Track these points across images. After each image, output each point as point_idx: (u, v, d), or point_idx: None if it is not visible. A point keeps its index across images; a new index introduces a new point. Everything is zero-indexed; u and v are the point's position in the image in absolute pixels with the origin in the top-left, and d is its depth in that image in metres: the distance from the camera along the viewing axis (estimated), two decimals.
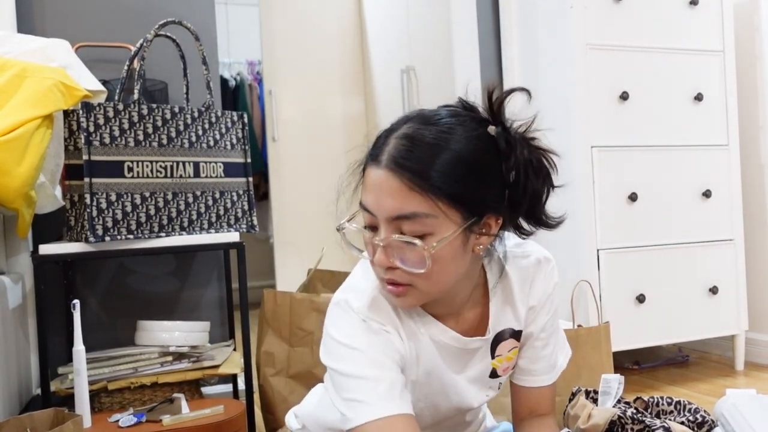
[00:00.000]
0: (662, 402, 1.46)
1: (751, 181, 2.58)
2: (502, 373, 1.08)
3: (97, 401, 1.67)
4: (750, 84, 2.59)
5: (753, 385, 2.26)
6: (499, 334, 1.04)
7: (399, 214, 0.85)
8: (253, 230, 1.88)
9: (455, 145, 0.86)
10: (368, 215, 0.89)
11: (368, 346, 0.91)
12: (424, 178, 0.84)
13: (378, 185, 0.86)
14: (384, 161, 0.86)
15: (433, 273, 0.87)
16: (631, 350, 2.38)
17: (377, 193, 0.87)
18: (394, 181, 0.85)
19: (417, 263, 0.86)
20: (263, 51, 3.72)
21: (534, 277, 1.05)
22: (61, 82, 1.53)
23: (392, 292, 0.90)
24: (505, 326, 1.05)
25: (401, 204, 0.85)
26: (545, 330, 1.08)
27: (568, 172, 2.30)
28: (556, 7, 2.34)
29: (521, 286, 1.04)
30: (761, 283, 2.57)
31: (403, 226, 0.86)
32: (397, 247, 0.87)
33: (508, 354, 1.07)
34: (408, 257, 0.87)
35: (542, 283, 1.05)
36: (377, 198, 0.87)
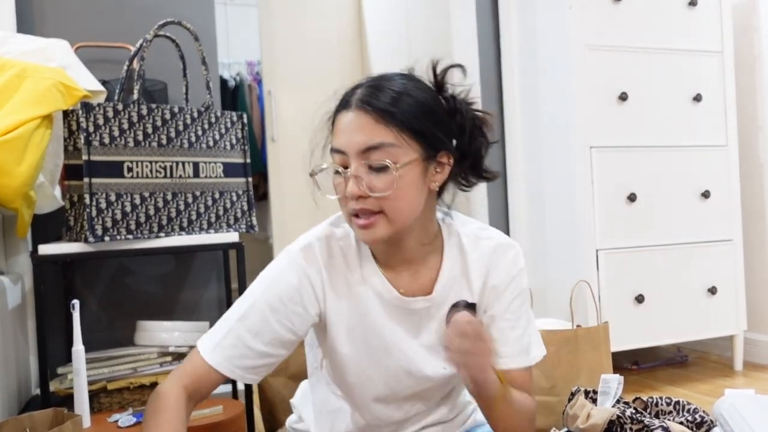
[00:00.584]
0: (661, 402, 1.46)
1: (750, 182, 2.58)
2: None
3: (97, 401, 1.67)
4: (749, 84, 2.60)
5: (751, 385, 2.26)
6: (455, 305, 1.09)
7: (368, 146, 0.97)
8: (253, 230, 1.88)
9: (414, 92, 1.01)
10: (339, 156, 1.00)
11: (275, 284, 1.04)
12: (389, 114, 0.97)
13: (348, 125, 0.99)
14: (353, 104, 0.99)
15: (398, 197, 0.97)
16: (630, 350, 2.38)
17: (348, 132, 0.98)
18: (363, 117, 0.98)
19: (386, 187, 0.97)
20: (263, 51, 3.72)
21: (495, 257, 1.11)
22: (61, 83, 1.53)
23: (362, 225, 0.99)
24: (458, 295, 1.10)
25: (370, 136, 0.97)
26: (510, 311, 1.11)
27: (567, 173, 2.31)
28: (554, 7, 2.34)
29: (479, 262, 1.10)
30: (760, 284, 2.58)
31: (371, 156, 0.97)
32: (366, 176, 0.97)
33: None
34: (377, 184, 0.97)
35: (505, 265, 1.11)
36: (348, 136, 0.98)
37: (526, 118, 2.52)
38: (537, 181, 2.48)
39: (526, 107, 2.52)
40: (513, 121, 2.56)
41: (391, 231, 1.00)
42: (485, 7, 2.64)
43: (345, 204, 1.01)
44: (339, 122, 1.01)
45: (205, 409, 1.56)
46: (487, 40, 2.63)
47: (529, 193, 2.53)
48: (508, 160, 2.59)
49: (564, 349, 1.77)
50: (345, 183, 0.98)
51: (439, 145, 1.02)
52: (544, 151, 2.42)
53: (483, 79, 2.61)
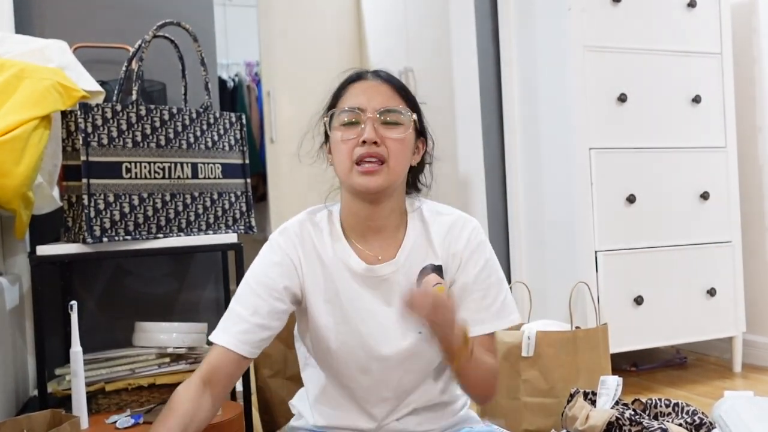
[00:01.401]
0: (660, 404, 1.46)
1: (749, 183, 2.58)
2: None
3: (95, 402, 1.67)
4: (748, 86, 2.60)
5: (751, 387, 2.26)
6: (423, 269, 1.19)
7: (387, 107, 1.13)
8: (251, 231, 1.88)
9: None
10: (351, 113, 1.13)
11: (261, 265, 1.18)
12: (403, 90, 1.17)
13: (368, 88, 1.15)
14: (370, 76, 1.17)
15: (401, 152, 1.13)
16: (629, 352, 2.38)
17: (368, 93, 1.14)
18: (383, 86, 1.16)
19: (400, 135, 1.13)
20: (261, 52, 3.71)
21: (455, 229, 1.22)
22: (59, 83, 1.53)
23: (366, 170, 1.11)
24: (423, 261, 1.19)
25: (389, 101, 1.14)
26: (479, 282, 1.20)
27: (567, 174, 2.31)
28: (554, 8, 2.34)
29: (439, 233, 1.21)
30: (759, 285, 2.58)
31: (388, 116, 1.13)
32: (382, 128, 1.12)
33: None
34: (390, 133, 1.12)
35: (465, 233, 1.21)
36: (368, 96, 1.14)
37: (525, 119, 2.52)
38: (536, 182, 2.48)
39: (525, 108, 2.52)
40: (512, 121, 2.56)
41: (387, 182, 1.13)
42: (484, 9, 2.64)
43: (350, 150, 1.12)
44: (354, 88, 1.16)
45: None
46: (487, 41, 2.63)
47: (528, 194, 2.53)
48: (507, 160, 2.59)
49: (563, 350, 1.76)
50: (359, 132, 1.11)
51: (422, 130, 1.21)
52: (543, 153, 2.42)
53: (482, 80, 2.60)
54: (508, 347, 1.79)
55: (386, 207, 1.18)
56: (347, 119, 1.13)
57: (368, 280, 1.18)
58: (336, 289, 1.18)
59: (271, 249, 1.20)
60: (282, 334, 1.79)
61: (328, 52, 3.86)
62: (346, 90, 1.17)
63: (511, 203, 2.59)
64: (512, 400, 1.78)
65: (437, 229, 1.22)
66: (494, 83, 2.64)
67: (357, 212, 1.19)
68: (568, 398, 1.51)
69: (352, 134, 1.12)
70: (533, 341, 1.77)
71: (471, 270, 1.20)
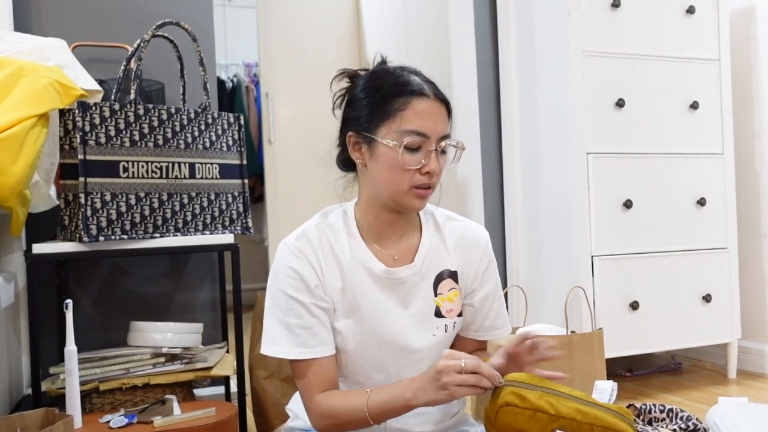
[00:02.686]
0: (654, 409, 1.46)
1: (746, 190, 2.59)
2: (446, 314, 1.22)
3: (89, 402, 1.66)
4: (745, 93, 2.61)
5: (745, 393, 2.26)
6: (439, 274, 1.22)
7: (446, 134, 1.15)
8: (248, 232, 1.88)
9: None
10: (419, 138, 1.11)
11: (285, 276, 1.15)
12: (450, 111, 1.17)
13: (432, 112, 1.13)
14: (431, 94, 1.13)
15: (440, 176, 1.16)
16: (624, 357, 2.38)
17: (433, 118, 1.12)
18: (443, 110, 1.15)
19: (446, 165, 1.16)
20: (260, 53, 3.72)
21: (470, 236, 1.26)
22: (58, 81, 1.53)
23: (423, 194, 1.14)
24: (439, 264, 1.22)
25: (446, 127, 1.15)
26: (496, 289, 1.28)
27: (564, 178, 2.31)
28: (553, 13, 2.34)
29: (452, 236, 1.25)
30: (754, 292, 2.58)
31: (443, 142, 1.14)
32: (444, 156, 1.15)
33: (448, 294, 1.22)
34: (443, 162, 1.15)
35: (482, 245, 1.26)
36: (434, 122, 1.12)
37: (523, 123, 2.52)
38: (533, 187, 2.48)
39: (524, 112, 2.52)
40: (510, 125, 2.56)
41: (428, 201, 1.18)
42: (483, 12, 2.64)
43: (409, 176, 1.12)
44: (418, 107, 1.12)
45: (197, 411, 1.55)
46: (486, 44, 2.64)
47: (526, 198, 2.53)
48: (505, 164, 2.59)
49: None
50: (422, 158, 1.11)
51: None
52: (541, 157, 2.42)
53: (480, 84, 2.61)
54: None
55: (406, 216, 1.22)
56: (411, 144, 1.11)
57: (386, 282, 1.18)
58: (354, 291, 1.17)
59: (292, 254, 1.16)
60: None
61: (327, 54, 3.87)
62: (409, 105, 1.12)
63: (508, 207, 2.59)
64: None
65: (451, 234, 1.25)
66: (493, 87, 2.64)
67: (381, 217, 1.20)
68: None
69: (414, 161, 1.11)
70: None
71: (490, 281, 1.27)
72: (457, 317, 1.23)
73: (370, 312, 1.17)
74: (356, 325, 1.17)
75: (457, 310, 1.23)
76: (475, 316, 1.26)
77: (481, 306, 1.26)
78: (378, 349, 1.18)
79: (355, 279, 1.17)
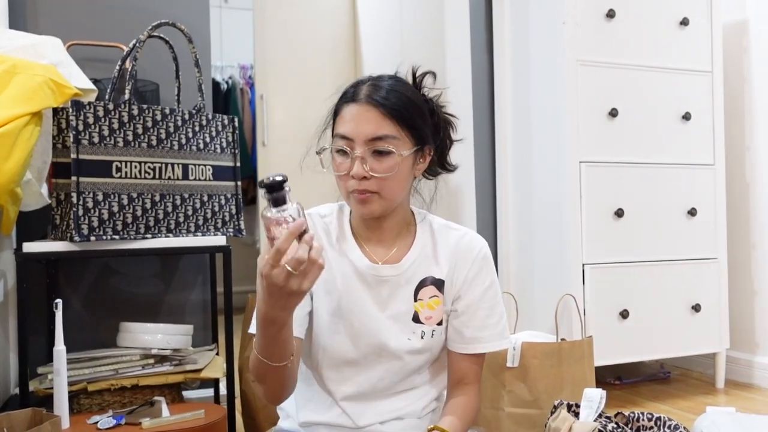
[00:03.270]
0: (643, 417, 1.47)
1: (736, 201, 2.61)
2: (425, 320, 1.21)
3: (77, 402, 1.65)
4: (737, 105, 2.63)
5: (733, 403, 2.28)
6: (422, 280, 1.22)
7: (375, 136, 1.11)
8: (240, 234, 1.87)
9: (407, 93, 1.16)
10: (344, 141, 1.13)
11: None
12: (394, 110, 1.13)
13: (357, 116, 1.12)
14: (361, 98, 1.13)
15: (394, 180, 1.13)
16: (614, 365, 2.39)
17: (357, 121, 1.12)
18: (372, 112, 1.12)
19: (386, 170, 1.12)
20: (256, 55, 3.72)
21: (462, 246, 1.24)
22: (52, 80, 1.53)
23: (362, 200, 1.13)
24: (426, 271, 1.22)
25: (377, 128, 1.12)
26: (486, 300, 1.24)
27: (556, 186, 2.32)
28: (548, 22, 2.36)
29: (447, 248, 1.24)
30: (743, 302, 2.60)
31: (377, 144, 1.12)
32: (369, 160, 1.12)
33: (429, 301, 1.22)
34: (378, 167, 1.12)
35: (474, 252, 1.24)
36: (356, 125, 1.12)
37: (516, 131, 2.53)
38: (526, 194, 2.49)
39: (518, 120, 2.53)
40: (504, 133, 2.57)
41: (382, 209, 1.15)
42: (479, 20, 2.65)
43: (345, 182, 1.14)
44: (346, 112, 1.14)
45: (186, 413, 1.55)
46: (481, 52, 2.65)
47: (518, 206, 2.54)
48: (498, 172, 2.60)
49: (548, 362, 1.77)
50: (350, 164, 1.12)
51: (426, 139, 1.18)
52: (534, 165, 2.43)
53: (475, 91, 2.62)
54: (492, 357, 1.79)
55: (389, 223, 1.22)
56: (338, 147, 1.14)
57: (369, 278, 1.20)
58: (337, 284, 1.19)
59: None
60: None
61: (323, 58, 3.87)
62: (342, 110, 1.16)
63: (501, 214, 2.60)
64: (495, 410, 1.78)
65: (445, 242, 1.24)
66: (487, 95, 2.65)
67: (363, 222, 1.22)
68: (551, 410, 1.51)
69: (343, 166, 1.13)
70: (518, 352, 1.77)
71: (478, 287, 1.23)
72: (437, 326, 1.22)
73: (347, 305, 1.19)
74: (332, 316, 1.19)
75: (437, 319, 1.22)
76: (459, 324, 1.24)
77: (464, 312, 1.23)
78: (350, 341, 1.19)
79: (338, 272, 1.19)
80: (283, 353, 1.03)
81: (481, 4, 2.66)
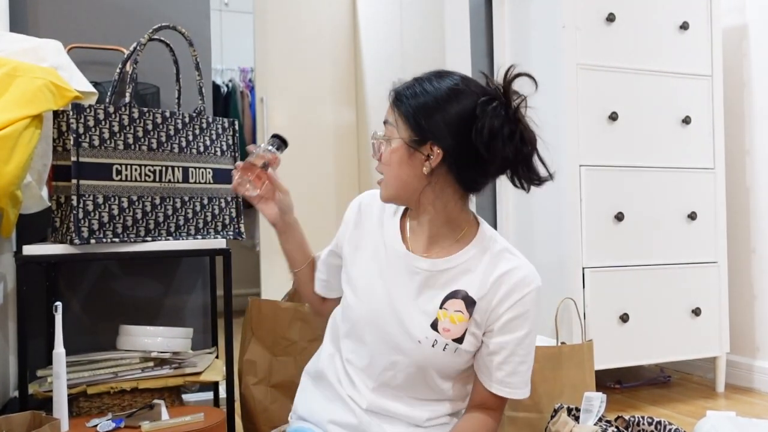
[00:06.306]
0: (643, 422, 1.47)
1: (736, 205, 2.61)
2: (442, 331, 1.18)
3: (76, 405, 1.65)
4: (737, 109, 2.63)
5: (733, 407, 2.27)
6: (455, 291, 1.19)
7: (384, 120, 1.22)
8: (240, 237, 1.87)
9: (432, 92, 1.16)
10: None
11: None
12: (399, 102, 1.19)
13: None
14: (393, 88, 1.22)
15: (389, 167, 1.19)
16: (614, 369, 2.38)
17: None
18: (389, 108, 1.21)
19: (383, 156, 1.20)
20: (256, 58, 3.72)
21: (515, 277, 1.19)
22: (52, 83, 1.53)
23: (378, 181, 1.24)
24: (462, 284, 1.19)
25: (386, 114, 1.21)
26: (523, 347, 1.19)
27: (556, 190, 2.32)
28: (548, 26, 2.36)
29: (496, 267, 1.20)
30: (744, 307, 2.60)
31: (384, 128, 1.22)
32: (374, 146, 1.23)
33: (452, 313, 1.18)
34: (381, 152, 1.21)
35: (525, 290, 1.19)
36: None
37: None
38: (526, 198, 2.49)
39: None
40: None
41: (387, 194, 1.22)
42: (479, 24, 2.66)
43: None
44: None
45: (186, 416, 1.54)
46: (481, 56, 2.65)
47: (518, 210, 2.54)
48: None
49: (548, 365, 1.77)
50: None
51: (428, 137, 1.15)
52: None
53: None
54: None
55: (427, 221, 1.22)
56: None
57: (399, 262, 1.22)
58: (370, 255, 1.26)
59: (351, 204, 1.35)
60: (267, 341, 1.80)
61: (323, 61, 3.88)
62: None
63: (501, 217, 2.60)
64: None
65: (496, 265, 1.20)
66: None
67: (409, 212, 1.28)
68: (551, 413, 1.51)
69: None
70: None
71: (518, 335, 1.19)
72: (453, 341, 1.18)
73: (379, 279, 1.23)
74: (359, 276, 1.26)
75: (455, 334, 1.18)
76: (490, 363, 1.20)
77: (496, 352, 1.19)
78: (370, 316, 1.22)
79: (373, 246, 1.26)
80: (292, 262, 1.40)
81: (481, 8, 2.67)
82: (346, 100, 3.89)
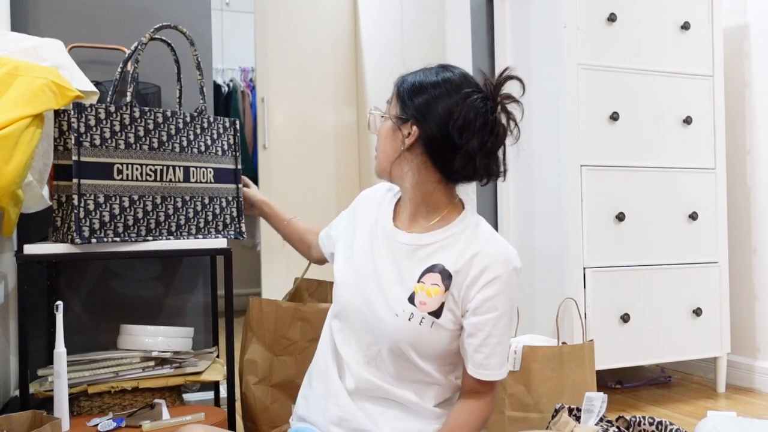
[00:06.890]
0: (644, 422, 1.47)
1: (737, 205, 2.61)
2: (419, 304, 1.21)
3: (77, 405, 1.65)
4: (738, 109, 2.63)
5: (734, 407, 2.27)
6: (433, 265, 1.23)
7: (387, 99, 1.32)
8: (241, 237, 1.87)
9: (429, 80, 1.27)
10: None
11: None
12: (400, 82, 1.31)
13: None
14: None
15: (378, 143, 1.30)
16: (615, 369, 2.38)
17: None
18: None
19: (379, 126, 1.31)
20: (257, 58, 3.72)
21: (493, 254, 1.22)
22: (53, 82, 1.53)
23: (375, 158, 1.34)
24: (442, 258, 1.23)
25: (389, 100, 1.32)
26: (500, 327, 1.22)
27: (557, 190, 2.32)
28: (549, 26, 2.36)
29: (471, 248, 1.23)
30: (744, 307, 2.60)
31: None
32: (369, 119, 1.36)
33: (429, 286, 1.21)
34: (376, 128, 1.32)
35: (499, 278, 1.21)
36: None
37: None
38: (526, 197, 2.49)
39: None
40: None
41: (377, 168, 1.32)
42: (480, 25, 2.66)
43: None
44: None
45: (186, 416, 1.54)
46: (482, 56, 2.65)
47: (519, 210, 2.54)
48: None
49: (548, 365, 1.77)
50: None
51: (409, 115, 1.24)
52: (535, 168, 2.43)
53: None
54: None
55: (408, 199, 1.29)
56: None
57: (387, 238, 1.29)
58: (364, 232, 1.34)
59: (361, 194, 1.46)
60: (268, 341, 1.80)
61: (324, 61, 3.88)
62: None
63: (502, 217, 2.60)
64: (496, 413, 1.78)
65: (474, 242, 1.23)
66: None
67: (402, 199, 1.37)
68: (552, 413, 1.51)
69: None
70: (519, 355, 1.77)
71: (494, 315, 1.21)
72: (429, 314, 1.20)
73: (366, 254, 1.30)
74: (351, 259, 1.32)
75: (431, 307, 1.20)
76: (468, 344, 1.22)
77: (473, 334, 1.21)
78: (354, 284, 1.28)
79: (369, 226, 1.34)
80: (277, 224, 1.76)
81: (482, 8, 2.67)
82: (347, 99, 3.89)
